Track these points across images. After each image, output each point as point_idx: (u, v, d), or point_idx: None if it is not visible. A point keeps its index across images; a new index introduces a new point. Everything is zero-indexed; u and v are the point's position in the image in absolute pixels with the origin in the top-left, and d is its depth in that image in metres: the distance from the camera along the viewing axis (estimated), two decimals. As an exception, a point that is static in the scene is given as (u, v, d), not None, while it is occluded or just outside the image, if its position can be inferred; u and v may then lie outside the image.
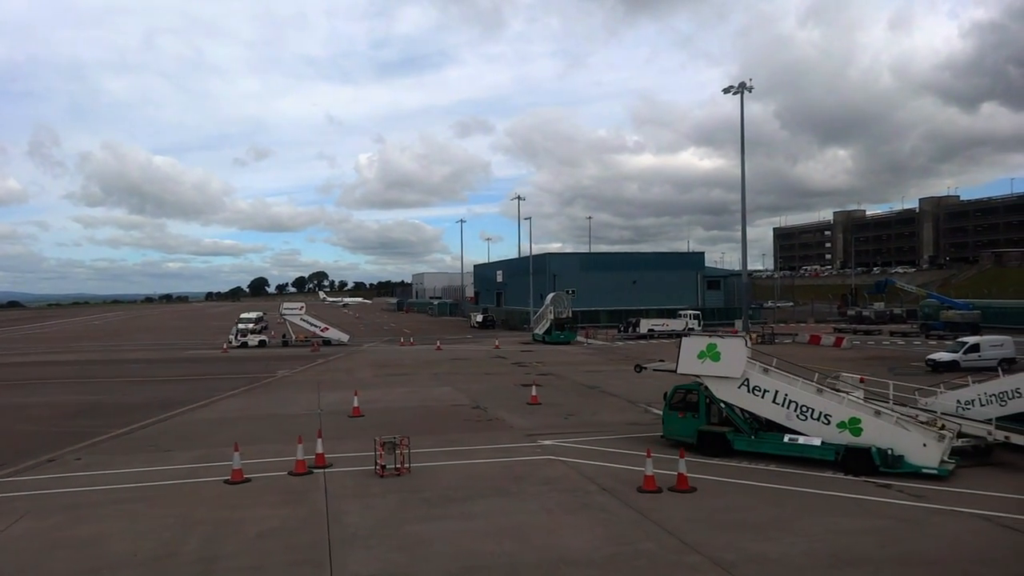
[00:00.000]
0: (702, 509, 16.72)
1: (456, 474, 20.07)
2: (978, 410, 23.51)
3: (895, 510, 16.55)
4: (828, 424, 20.47)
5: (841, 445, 19.99)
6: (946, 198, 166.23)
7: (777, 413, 21.27)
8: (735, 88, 66.36)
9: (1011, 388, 22.78)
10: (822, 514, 16.30)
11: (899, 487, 18.34)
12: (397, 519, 16.15)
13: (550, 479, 19.41)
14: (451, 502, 17.42)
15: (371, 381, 41.16)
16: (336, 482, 19.31)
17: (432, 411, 30.86)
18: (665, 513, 16.37)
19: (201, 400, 34.37)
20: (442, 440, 24.60)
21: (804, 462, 20.41)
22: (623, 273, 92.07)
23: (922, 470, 19.07)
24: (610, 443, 23.78)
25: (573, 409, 30.63)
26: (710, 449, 21.90)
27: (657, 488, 18.10)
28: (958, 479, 19.09)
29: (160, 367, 51.26)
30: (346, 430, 26.53)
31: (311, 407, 32.01)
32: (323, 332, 68.80)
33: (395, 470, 19.87)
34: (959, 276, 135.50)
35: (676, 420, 23.19)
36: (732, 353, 21.81)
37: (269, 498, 17.93)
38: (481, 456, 22.26)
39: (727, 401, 22.02)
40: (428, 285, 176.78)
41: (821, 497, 17.62)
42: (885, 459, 19.42)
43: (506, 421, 28.15)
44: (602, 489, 18.38)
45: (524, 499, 17.66)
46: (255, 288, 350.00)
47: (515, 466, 20.91)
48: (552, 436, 24.99)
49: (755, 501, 17.34)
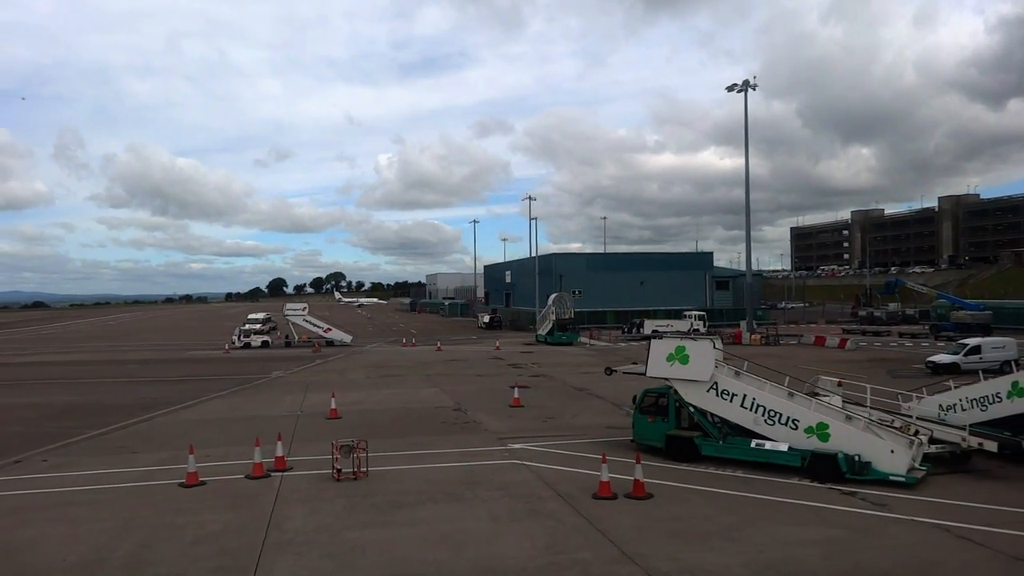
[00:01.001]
0: (654, 517, 16.29)
1: (413, 479, 19.76)
2: (959, 415, 22.85)
3: (852, 519, 16.02)
4: (796, 429, 19.94)
5: (808, 451, 19.46)
6: (966, 196, 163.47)
7: (745, 417, 20.77)
8: (739, 86, 65.78)
9: (992, 393, 22.10)
10: (775, 523, 15.81)
11: (863, 495, 17.79)
12: (339, 525, 15.89)
13: (507, 484, 19.06)
14: (399, 508, 17.12)
15: (362, 382, 41.05)
16: (290, 486, 19.10)
17: (412, 413, 30.61)
18: (614, 521, 15.96)
19: (187, 401, 34.41)
20: (411, 443, 24.33)
21: (772, 468, 19.90)
22: (631, 274, 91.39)
23: (889, 477, 18.49)
24: (581, 447, 23.34)
25: (554, 412, 30.24)
26: (678, 454, 21.43)
27: (613, 495, 17.70)
28: (928, 487, 18.49)
29: (158, 368, 51.51)
30: (319, 432, 26.30)
31: (294, 409, 31.89)
32: (326, 333, 68.88)
33: (352, 474, 19.62)
34: (978, 276, 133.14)
35: (646, 424, 22.73)
36: (700, 356, 21.32)
37: (218, 502, 17.74)
38: (445, 460, 21.95)
39: (696, 405, 21.54)
40: (441, 285, 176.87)
41: (780, 505, 17.11)
42: (852, 466, 18.86)
43: (483, 424, 27.81)
44: (557, 495, 17.99)
45: (474, 505, 17.32)
46: (273, 289, 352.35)
47: (477, 470, 20.58)
48: (525, 440, 24.62)
49: (711, 509, 16.88)
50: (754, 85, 65.09)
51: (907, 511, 16.45)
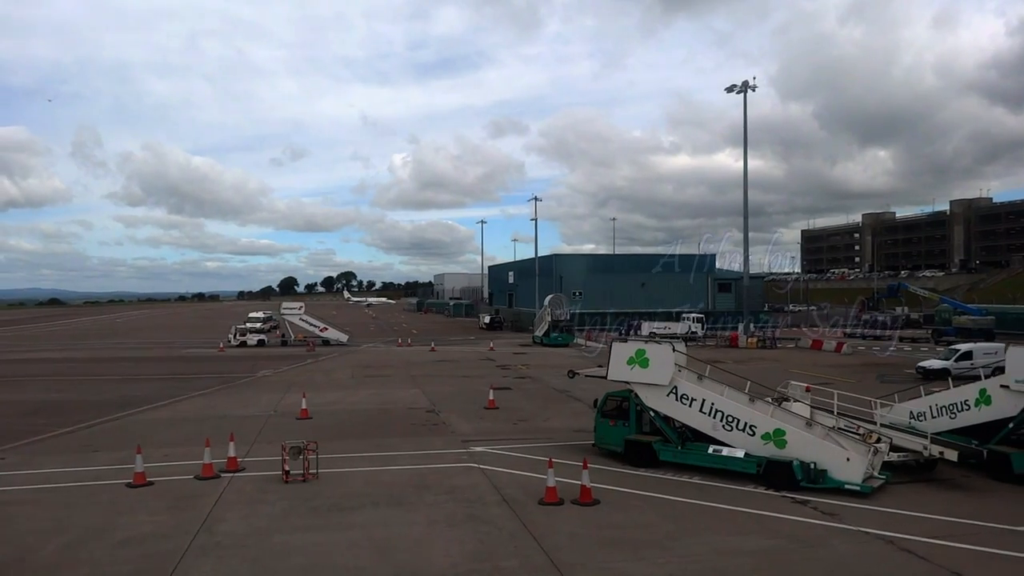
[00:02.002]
0: (594, 524, 15.94)
1: (363, 481, 19.51)
2: (929, 422, 22.37)
3: (797, 529, 15.60)
4: (753, 435, 19.53)
5: (764, 457, 19.04)
6: (978, 200, 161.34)
7: (704, 423, 20.37)
8: (739, 87, 65.16)
9: (960, 400, 21.58)
10: (716, 532, 15.43)
11: (815, 504, 17.37)
12: (272, 528, 15.66)
13: (455, 488, 18.76)
14: (339, 511, 16.88)
15: (345, 383, 40.89)
16: (236, 487, 18.89)
17: (385, 414, 30.38)
18: (552, 528, 15.63)
19: (165, 400, 34.36)
20: (373, 444, 24.10)
21: (729, 474, 19.51)
22: (632, 275, 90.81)
23: (845, 486, 18.05)
24: (544, 451, 22.93)
25: (528, 414, 29.92)
26: (637, 459, 21.07)
27: (559, 500, 17.37)
28: (885, 496, 18.04)
29: (148, 365, 51.62)
30: (286, 433, 25.94)
31: (268, 409, 31.71)
32: (322, 332, 68.88)
33: (301, 476, 19.39)
34: (988, 280, 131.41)
35: (608, 428, 22.37)
36: (660, 360, 20.94)
37: (159, 503, 17.55)
38: (402, 462, 21.67)
39: (656, 409, 21.16)
40: (448, 286, 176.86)
41: (727, 513, 16.71)
42: (807, 473, 18.43)
43: (451, 426, 27.54)
44: (503, 500, 17.68)
45: (415, 509, 17.04)
46: (285, 287, 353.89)
47: (429, 474, 20.29)
48: (488, 442, 24.32)
49: (655, 516, 16.52)
50: (754, 86, 64.36)
51: (856, 521, 16.01)
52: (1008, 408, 19.94)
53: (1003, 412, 20.10)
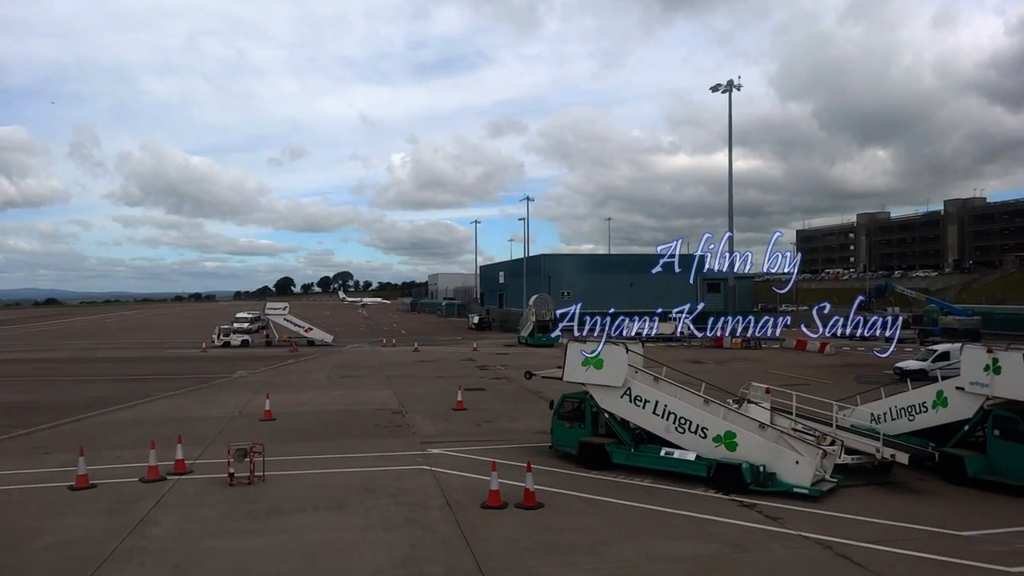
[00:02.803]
0: (531, 528, 15.68)
1: (309, 484, 19.26)
2: (889, 424, 22.14)
3: (736, 534, 15.34)
4: (705, 438, 19.29)
5: (714, 460, 18.80)
6: (972, 200, 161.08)
7: (657, 425, 20.13)
8: (724, 86, 64.96)
9: (918, 402, 21.36)
10: (655, 537, 15.17)
11: (762, 507, 17.11)
12: (203, 532, 15.41)
13: (401, 491, 18.50)
14: (276, 515, 16.62)
15: (319, 383, 40.64)
16: (178, 490, 18.64)
17: (351, 415, 30.12)
18: (488, 532, 15.38)
19: (133, 401, 34.08)
20: (330, 446, 23.84)
21: (680, 477, 19.26)
22: (621, 275, 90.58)
23: (793, 489, 17.80)
24: (501, 453, 22.69)
25: (495, 415, 29.67)
26: (590, 461, 20.83)
27: (502, 504, 17.12)
28: (835, 499, 17.79)
29: (126, 366, 51.37)
30: (246, 435, 25.66)
31: (235, 410, 31.42)
32: (307, 332, 68.66)
33: (246, 479, 19.14)
34: (981, 280, 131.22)
35: (564, 430, 22.14)
36: (614, 361, 20.70)
37: (96, 506, 17.29)
38: (354, 464, 21.41)
39: (610, 411, 20.93)
40: (442, 285, 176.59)
41: (669, 517, 16.46)
42: (757, 476, 18.19)
43: (414, 427, 27.29)
44: (446, 504, 17.42)
45: (355, 513, 16.78)
46: (281, 287, 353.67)
47: (378, 476, 20.04)
48: (448, 444, 24.07)
49: (596, 520, 16.26)
50: (739, 86, 64.19)
51: (799, 525, 15.76)
52: (963, 410, 19.70)
53: (959, 414, 19.87)
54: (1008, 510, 17.08)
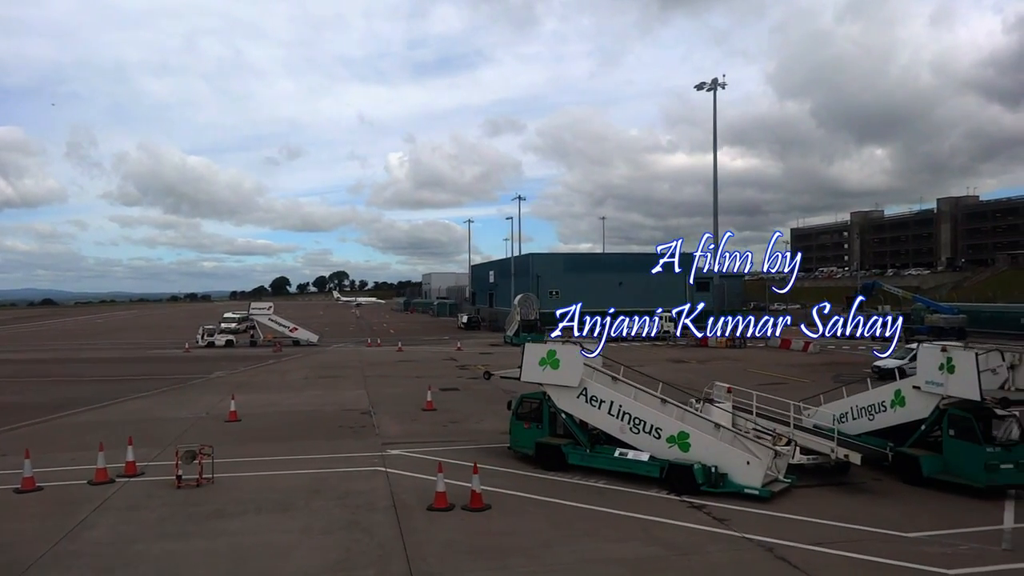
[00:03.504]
0: (473, 531, 15.48)
1: (257, 486, 19.05)
2: (851, 424, 22.00)
3: (679, 536, 15.14)
4: (659, 438, 19.09)
5: (667, 461, 18.61)
6: (964, 198, 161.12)
7: (612, 425, 19.93)
8: (708, 85, 64.78)
9: (878, 401, 21.19)
10: (596, 539, 14.97)
11: (711, 508, 16.92)
12: (138, 536, 15.20)
13: (350, 493, 18.30)
14: (217, 518, 16.39)
15: (295, 384, 40.42)
16: (124, 493, 18.44)
17: (319, 416, 29.90)
18: (429, 535, 15.18)
19: (104, 402, 33.86)
20: (289, 447, 23.61)
21: (635, 478, 19.07)
22: (609, 274, 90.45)
23: (744, 490, 17.61)
24: (461, 454, 22.49)
25: (463, 416, 29.46)
26: (547, 462, 20.64)
27: (448, 506, 16.92)
28: (787, 500, 17.59)
29: (106, 366, 51.09)
30: (207, 436, 25.38)
31: (203, 411, 31.19)
32: (291, 332, 68.43)
33: (195, 481, 18.92)
34: (973, 278, 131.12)
35: (522, 431, 21.93)
36: (570, 360, 20.50)
37: (37, 509, 17.08)
38: (309, 466, 21.18)
39: (567, 411, 20.73)
40: (435, 285, 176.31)
41: (616, 519, 16.25)
42: (708, 477, 17.99)
43: (379, 428, 27.09)
44: (392, 506, 17.21)
45: (297, 516, 16.57)
46: (277, 287, 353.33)
47: (330, 478, 19.83)
48: (409, 445, 23.86)
49: (541, 522, 16.06)
50: (723, 84, 64.02)
51: (744, 527, 15.56)
52: (920, 409, 19.51)
53: (916, 413, 19.68)
54: (958, 511, 16.89)
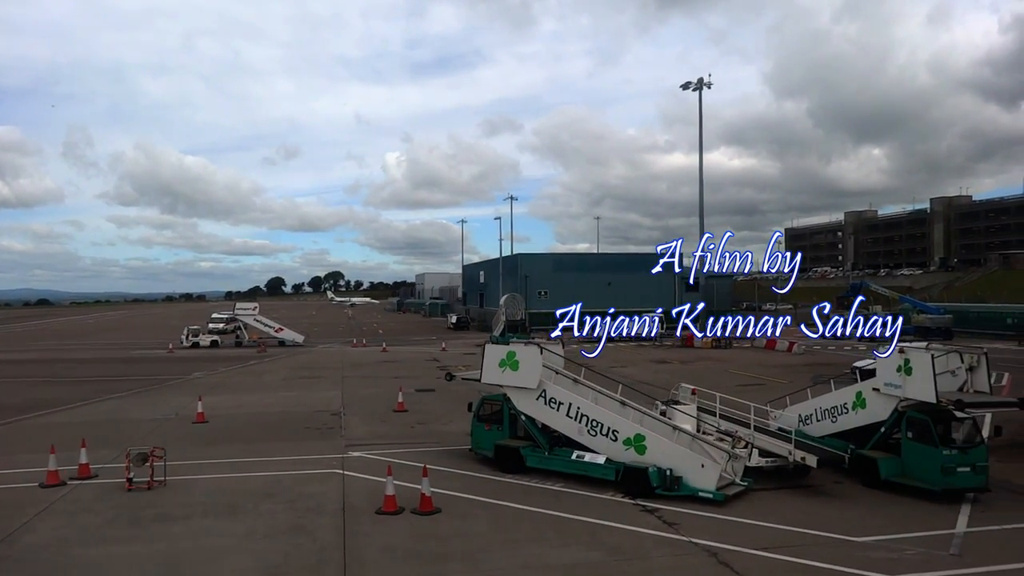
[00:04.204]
0: (418, 535, 15.27)
1: (209, 489, 18.84)
2: (815, 426, 21.85)
3: (625, 540, 14.94)
4: (616, 441, 18.90)
5: (622, 464, 18.41)
6: (957, 198, 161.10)
7: (571, 427, 19.73)
8: (694, 84, 64.64)
9: (840, 403, 21.02)
10: (541, 544, 14.76)
11: (663, 512, 16.72)
12: (77, 540, 14.98)
13: (301, 496, 18.09)
14: (161, 522, 16.16)
15: (271, 385, 40.21)
16: (72, 496, 18.21)
17: (287, 417, 29.66)
18: (371, 540, 14.98)
19: (76, 403, 33.61)
20: (249, 450, 23.39)
21: (592, 481, 18.87)
22: (598, 274, 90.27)
23: (699, 493, 17.41)
24: (422, 456, 22.20)
25: (432, 417, 29.27)
26: (506, 464, 20.44)
27: (398, 509, 16.72)
28: (742, 504, 17.37)
29: (86, 367, 50.80)
30: (172, 437, 25.29)
31: (172, 412, 30.94)
32: (277, 333, 68.19)
33: (146, 484, 18.70)
34: (964, 278, 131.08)
35: (483, 433, 21.73)
36: (528, 362, 20.30)
37: (-20, 513, 16.83)
38: (267, 468, 20.97)
39: (526, 413, 20.52)
40: (428, 285, 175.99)
41: (564, 522, 16.05)
42: (664, 480, 17.79)
43: (346, 429, 26.89)
44: (341, 510, 17.02)
45: (243, 520, 16.35)
46: (272, 287, 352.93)
47: (286, 480, 19.62)
48: (372, 447, 23.67)
49: (488, 526, 15.86)
50: (709, 84, 63.89)
51: (693, 531, 15.36)
52: (880, 411, 19.35)
53: (876, 416, 19.51)
54: (913, 514, 16.70)
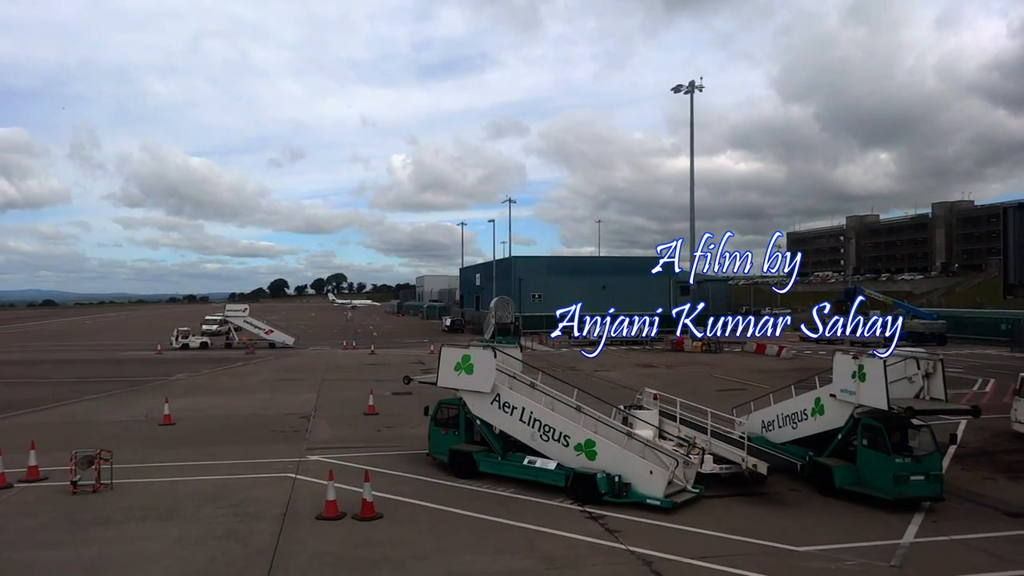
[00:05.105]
0: (352, 542, 15.00)
1: (155, 492, 18.61)
2: (776, 432, 21.56)
3: (561, 548, 14.64)
4: (567, 446, 18.62)
5: (572, 469, 18.13)
6: (959, 203, 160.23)
7: (524, 432, 19.47)
8: (685, 88, 64.40)
9: (800, 409, 20.71)
10: (475, 551, 14.49)
11: (608, 519, 16.43)
12: (7, 544, 14.80)
13: (245, 501, 17.85)
14: (96, 526, 15.95)
15: (249, 387, 40.07)
16: (15, 499, 18.01)
17: (256, 419, 29.45)
18: (304, 546, 14.72)
19: (50, 404, 33.51)
20: (209, 452, 23.21)
21: (543, 487, 18.60)
22: (593, 278, 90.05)
23: (647, 500, 17.11)
24: (380, 460, 22.08)
25: (401, 421, 28.99)
26: (459, 469, 20.19)
27: (339, 514, 16.49)
28: (691, 511, 17.07)
29: (71, 368, 50.69)
30: (135, 440, 25.21)
31: (142, 414, 30.76)
32: (267, 335, 68.10)
33: (91, 487, 18.50)
34: (965, 284, 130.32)
35: (440, 437, 21.48)
36: (483, 366, 20.05)
37: (-83, 516, 16.66)
38: (220, 471, 20.77)
39: (481, 418, 20.27)
40: (428, 288, 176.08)
41: (505, 530, 15.77)
42: (612, 487, 17.50)
43: (311, 433, 26.70)
44: (282, 515, 16.76)
45: (181, 524, 16.11)
46: (275, 289, 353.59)
47: (235, 484, 19.41)
48: (333, 451, 23.46)
49: (426, 533, 15.59)
50: (700, 87, 63.61)
51: (634, 539, 15.05)
52: (837, 418, 19.04)
53: (834, 422, 19.20)
54: (864, 524, 16.37)
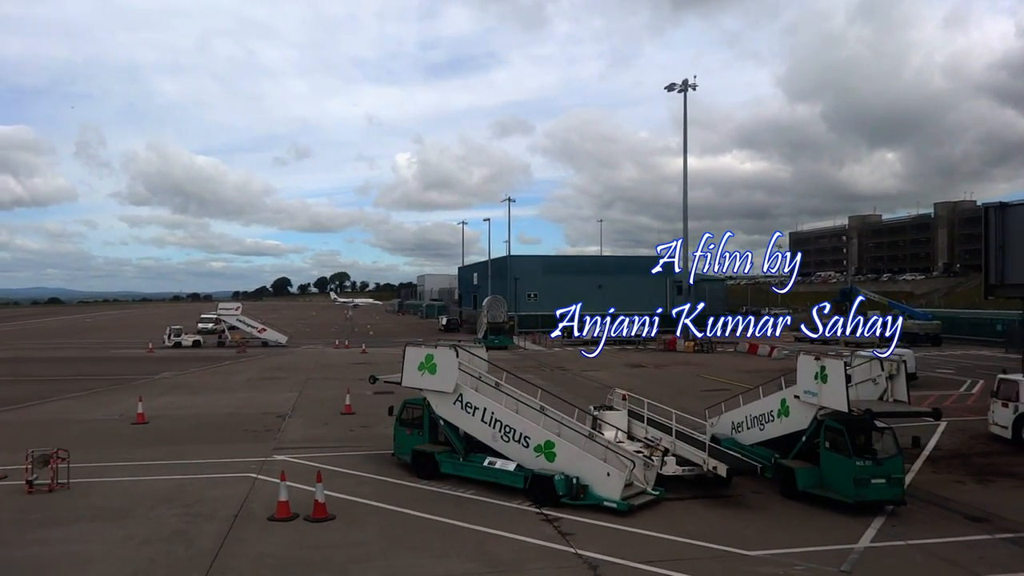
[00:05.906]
0: (299, 544, 14.79)
1: (112, 492, 18.44)
2: (745, 433, 21.32)
3: (509, 551, 14.42)
4: (527, 447, 18.40)
5: (530, 471, 17.92)
6: (962, 203, 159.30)
7: (485, 433, 19.26)
8: (679, 86, 64.05)
9: (767, 411, 20.44)
10: (421, 554, 14.28)
11: (563, 522, 16.19)
12: (-52, 545, 14.63)
13: (200, 501, 17.68)
14: (45, 526, 15.79)
15: (232, 385, 39.97)
16: (-31, 499, 17.87)
17: (232, 418, 29.31)
18: (249, 548, 14.54)
19: (29, 402, 33.43)
20: (173, 452, 23.06)
21: (503, 488, 18.39)
22: (590, 277, 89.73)
23: (604, 502, 16.88)
24: (345, 460, 21.92)
25: (376, 421, 28.56)
26: (422, 470, 20.00)
27: (291, 515, 16.31)
28: (649, 514, 16.80)
29: (59, 366, 50.68)
30: (104, 438, 25.14)
31: (118, 412, 30.62)
32: (260, 333, 68.07)
33: (47, 486, 18.35)
34: (966, 284, 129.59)
35: (404, 437, 21.29)
36: (445, 365, 19.84)
37: None
38: (181, 471, 20.62)
39: (444, 418, 20.06)
40: (428, 287, 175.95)
41: (456, 532, 15.55)
42: (570, 489, 17.27)
43: (283, 432, 26.54)
44: (234, 516, 16.57)
45: (130, 524, 15.95)
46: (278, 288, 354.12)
47: (194, 484, 19.24)
48: (301, 451, 23.30)
49: (375, 535, 15.38)
50: (694, 85, 63.26)
51: (584, 543, 14.82)
52: (801, 420, 18.78)
53: (798, 424, 18.94)
54: (821, 527, 16.10)
